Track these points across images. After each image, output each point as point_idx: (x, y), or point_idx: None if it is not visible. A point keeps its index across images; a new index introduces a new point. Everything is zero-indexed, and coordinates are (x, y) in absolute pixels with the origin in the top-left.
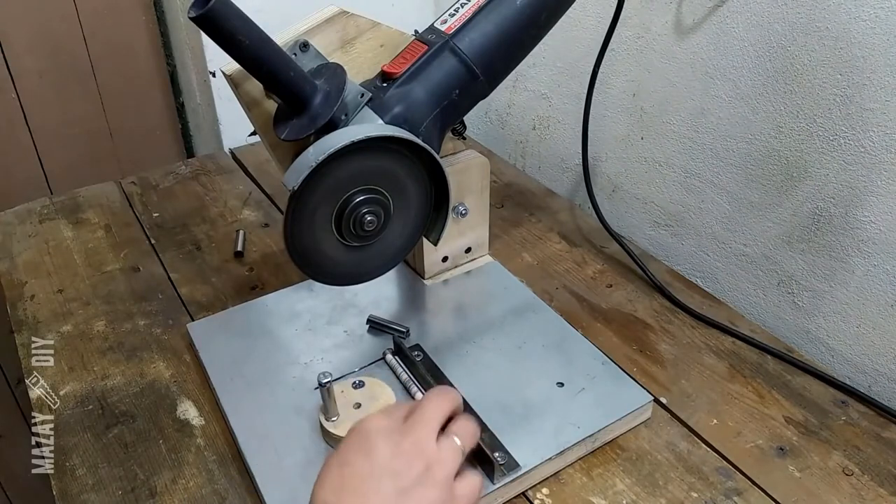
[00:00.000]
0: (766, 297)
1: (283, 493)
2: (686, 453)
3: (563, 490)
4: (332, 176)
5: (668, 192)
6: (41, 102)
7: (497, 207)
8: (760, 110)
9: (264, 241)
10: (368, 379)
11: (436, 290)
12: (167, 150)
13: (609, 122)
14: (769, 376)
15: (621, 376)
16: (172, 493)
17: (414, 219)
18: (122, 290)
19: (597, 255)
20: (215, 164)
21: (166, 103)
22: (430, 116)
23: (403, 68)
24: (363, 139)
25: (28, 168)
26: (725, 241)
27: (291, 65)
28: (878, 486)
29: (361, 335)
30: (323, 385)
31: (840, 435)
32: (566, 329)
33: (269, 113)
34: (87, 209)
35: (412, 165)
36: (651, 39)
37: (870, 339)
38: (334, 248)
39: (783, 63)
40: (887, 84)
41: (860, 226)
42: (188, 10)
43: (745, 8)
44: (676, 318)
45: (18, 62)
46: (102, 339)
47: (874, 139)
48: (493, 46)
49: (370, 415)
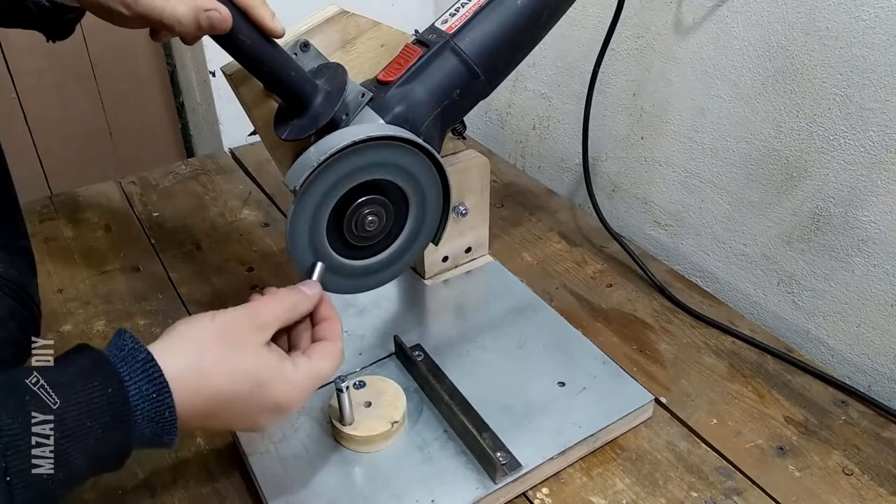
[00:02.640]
0: (765, 296)
1: (284, 493)
2: (686, 453)
3: (563, 490)
4: (334, 176)
5: (668, 192)
6: (41, 102)
7: (497, 207)
8: (760, 110)
9: (264, 241)
10: (369, 377)
11: (436, 290)
12: (167, 150)
13: (609, 121)
14: (769, 376)
15: (622, 376)
16: (172, 493)
17: (416, 220)
18: (121, 290)
19: (597, 255)
20: (215, 163)
21: (166, 103)
22: (430, 116)
23: (398, 75)
24: (364, 139)
25: (28, 167)
26: (725, 241)
27: (292, 64)
28: (878, 486)
29: (362, 335)
30: (340, 391)
31: (840, 435)
32: (566, 329)
33: (270, 113)
34: (87, 208)
35: (413, 165)
36: (651, 39)
37: (870, 339)
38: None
39: (783, 63)
40: (887, 84)
41: (860, 226)
42: None
43: (745, 8)
44: (676, 317)
45: (18, 62)
46: (102, 339)
47: (874, 139)
48: (493, 46)
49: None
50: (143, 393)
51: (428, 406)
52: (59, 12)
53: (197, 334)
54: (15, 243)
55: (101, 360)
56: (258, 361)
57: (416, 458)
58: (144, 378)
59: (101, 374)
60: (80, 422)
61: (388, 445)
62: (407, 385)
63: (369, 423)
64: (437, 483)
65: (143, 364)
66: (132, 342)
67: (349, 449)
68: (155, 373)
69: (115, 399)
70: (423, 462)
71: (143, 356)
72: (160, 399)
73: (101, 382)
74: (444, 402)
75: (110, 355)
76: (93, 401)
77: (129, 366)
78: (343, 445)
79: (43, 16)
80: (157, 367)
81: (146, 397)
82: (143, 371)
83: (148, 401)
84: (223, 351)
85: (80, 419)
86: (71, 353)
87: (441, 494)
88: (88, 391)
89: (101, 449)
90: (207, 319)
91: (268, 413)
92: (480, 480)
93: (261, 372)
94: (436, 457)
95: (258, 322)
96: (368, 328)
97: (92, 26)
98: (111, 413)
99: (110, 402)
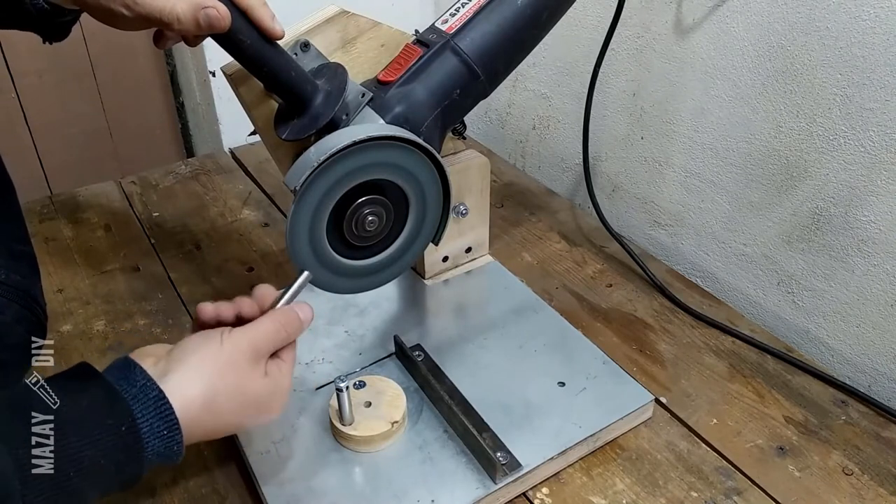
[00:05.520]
0: (765, 296)
1: (284, 493)
2: (686, 453)
3: (563, 490)
4: (334, 176)
5: (668, 192)
6: (41, 102)
7: (497, 207)
8: (760, 110)
9: (264, 241)
10: (368, 377)
11: (436, 290)
12: (167, 150)
13: (609, 121)
14: (769, 376)
15: (622, 376)
16: (172, 493)
17: (416, 220)
18: (121, 290)
19: (597, 255)
20: (215, 163)
21: (166, 103)
22: (431, 116)
23: (398, 75)
24: (364, 139)
25: (28, 167)
26: (725, 241)
27: (292, 65)
28: (878, 486)
29: (362, 335)
30: (340, 391)
31: (840, 434)
32: (566, 329)
33: (270, 113)
34: (87, 208)
35: (413, 165)
36: (651, 39)
37: (870, 339)
38: (337, 249)
39: (783, 63)
40: (887, 84)
41: (860, 226)
42: None
43: (745, 8)
44: (676, 317)
45: (18, 62)
46: (102, 339)
47: (874, 139)
48: (494, 46)
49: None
50: (155, 431)
51: (428, 406)
52: (57, 14)
53: (207, 368)
54: (17, 248)
55: (114, 395)
56: (260, 391)
57: (417, 458)
58: (156, 416)
59: (116, 412)
60: (94, 460)
61: (388, 445)
62: (407, 385)
63: (369, 423)
64: (437, 483)
65: (154, 402)
66: (143, 378)
67: (349, 449)
68: (167, 411)
69: (129, 438)
70: (424, 462)
71: (155, 394)
72: (170, 436)
73: (115, 421)
74: (445, 402)
75: (122, 390)
76: (107, 441)
77: (141, 403)
78: (343, 445)
79: (41, 17)
80: (169, 406)
81: (157, 434)
82: (156, 409)
83: (159, 438)
84: (233, 385)
85: (94, 458)
86: (79, 377)
87: (441, 494)
88: (102, 429)
89: (112, 483)
90: (216, 345)
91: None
92: (480, 480)
93: (263, 398)
94: (436, 457)
95: (259, 353)
96: (368, 328)
97: (92, 26)
98: (125, 451)
99: (125, 441)
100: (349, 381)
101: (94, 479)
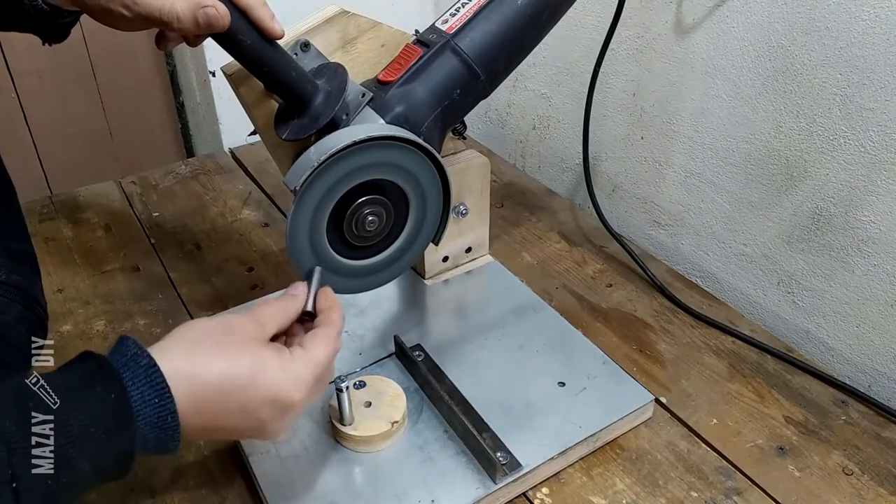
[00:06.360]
0: (765, 296)
1: (284, 493)
2: (686, 453)
3: (562, 490)
4: (334, 176)
5: (668, 192)
6: (41, 102)
7: (497, 207)
8: (760, 110)
9: (264, 241)
10: (368, 377)
11: (436, 290)
12: (167, 150)
13: (609, 121)
14: (769, 376)
15: (622, 376)
16: (172, 493)
17: (416, 220)
18: (121, 290)
19: (597, 255)
20: (215, 163)
21: (166, 103)
22: (431, 116)
23: (398, 75)
24: (364, 139)
25: (28, 167)
26: (725, 241)
27: (292, 65)
28: (878, 486)
29: (362, 335)
30: (340, 391)
31: (840, 434)
32: (567, 329)
33: (270, 113)
34: (87, 208)
35: (413, 165)
36: (651, 39)
37: (870, 339)
38: (337, 249)
39: (783, 63)
40: (887, 84)
41: (860, 226)
42: None
43: (745, 8)
44: (676, 317)
45: (18, 62)
46: (102, 339)
47: (874, 139)
48: (494, 46)
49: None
50: (146, 399)
51: (428, 406)
52: (57, 15)
53: (193, 335)
54: (17, 248)
55: (104, 364)
56: (252, 349)
57: (417, 458)
58: (147, 383)
59: (104, 379)
60: (83, 426)
61: (388, 445)
62: (407, 385)
63: (369, 423)
64: (437, 483)
65: (145, 369)
66: (135, 347)
67: (349, 449)
68: (157, 377)
69: (118, 404)
70: (424, 462)
71: (146, 361)
72: (163, 404)
73: (104, 387)
74: (445, 402)
75: (113, 360)
76: (96, 405)
77: (131, 371)
78: (343, 445)
79: (40, 19)
80: (160, 372)
81: (148, 403)
82: (146, 376)
83: (150, 406)
84: (218, 340)
85: (83, 424)
86: (75, 360)
87: (441, 494)
88: (90, 395)
89: (105, 454)
90: (206, 319)
91: (270, 407)
92: (480, 480)
93: (255, 359)
94: (436, 457)
95: (256, 320)
96: (368, 328)
97: (92, 27)
98: (114, 418)
99: (113, 407)
100: (349, 381)
101: (84, 447)
